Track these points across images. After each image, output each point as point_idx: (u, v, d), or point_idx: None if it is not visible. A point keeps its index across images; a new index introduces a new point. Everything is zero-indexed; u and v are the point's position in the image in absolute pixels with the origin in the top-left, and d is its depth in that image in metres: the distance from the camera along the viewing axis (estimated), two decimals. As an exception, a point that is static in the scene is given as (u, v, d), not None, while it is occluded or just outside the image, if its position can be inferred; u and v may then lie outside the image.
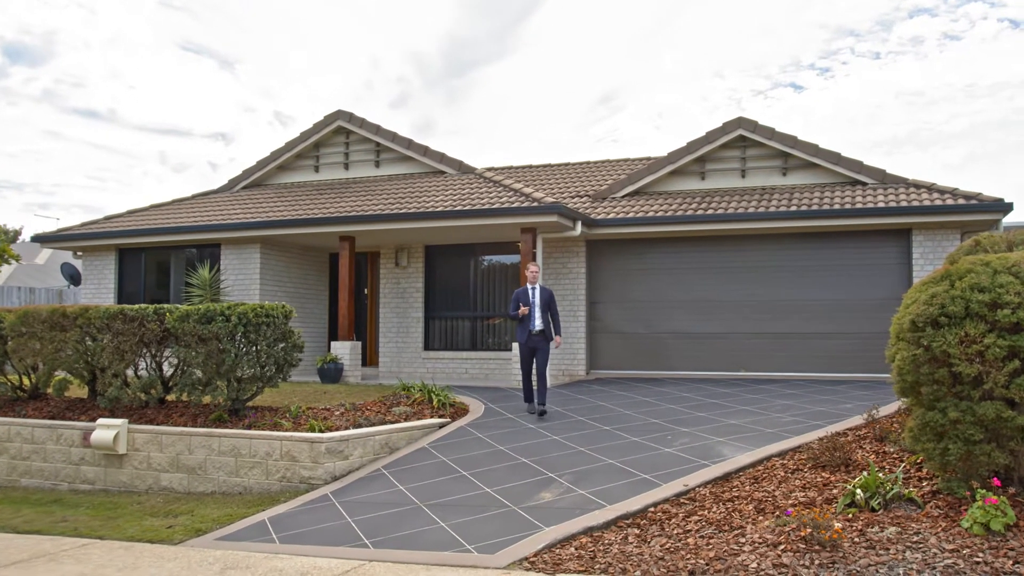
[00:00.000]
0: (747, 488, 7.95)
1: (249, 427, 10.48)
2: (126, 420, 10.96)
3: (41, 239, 18.36)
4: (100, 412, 11.79)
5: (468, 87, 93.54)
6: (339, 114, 18.13)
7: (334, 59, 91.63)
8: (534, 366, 11.84)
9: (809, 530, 6.26)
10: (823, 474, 8.11)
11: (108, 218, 18.64)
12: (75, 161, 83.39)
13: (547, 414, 11.48)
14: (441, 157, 17.47)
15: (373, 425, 10.62)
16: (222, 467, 10.25)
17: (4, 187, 73.51)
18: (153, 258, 18.13)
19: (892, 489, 7.06)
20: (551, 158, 20.61)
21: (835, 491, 7.55)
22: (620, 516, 7.46)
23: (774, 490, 7.79)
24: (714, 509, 7.43)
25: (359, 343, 15.99)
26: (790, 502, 7.37)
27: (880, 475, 7.27)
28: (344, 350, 15.63)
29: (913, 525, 6.36)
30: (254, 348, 10.86)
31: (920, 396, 6.89)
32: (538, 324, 11.65)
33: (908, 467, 7.74)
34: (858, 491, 7.14)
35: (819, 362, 14.77)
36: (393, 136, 17.72)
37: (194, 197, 19.44)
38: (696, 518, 7.24)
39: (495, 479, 8.84)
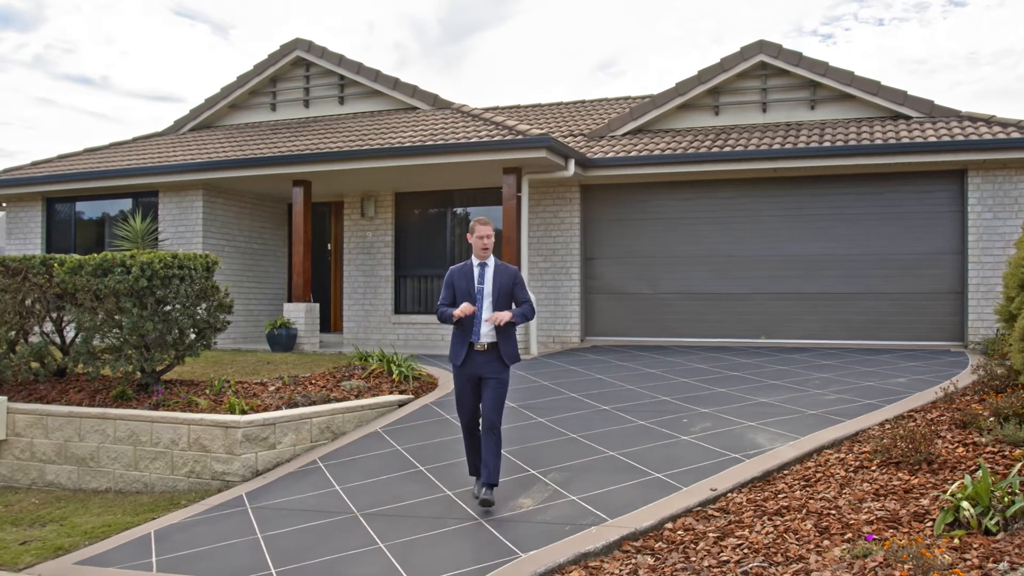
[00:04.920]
0: (798, 494, 5.80)
1: (155, 407, 8.31)
2: (4, 398, 8.76)
3: (-42, 187, 16.04)
4: (-14, 386, 9.61)
5: (465, 53, 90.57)
6: (297, 43, 15.75)
7: (330, 25, 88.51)
8: (481, 409, 6.21)
9: (909, 567, 4.16)
10: (899, 474, 5.98)
11: (35, 163, 16.29)
12: (67, 128, 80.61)
13: (493, 505, 5.98)
14: (413, 91, 15.14)
15: (313, 404, 8.45)
16: (118, 458, 8.08)
17: None
18: (86, 209, 15.84)
19: (1015, 502, 4.91)
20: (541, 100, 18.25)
21: (924, 501, 5.41)
22: (626, 536, 5.32)
23: (836, 498, 5.64)
24: (757, 527, 5.28)
25: (316, 305, 13.76)
26: (864, 517, 5.22)
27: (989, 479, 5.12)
28: (298, 313, 13.41)
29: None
30: (164, 308, 8.64)
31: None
32: (485, 332, 6.11)
33: (1030, 469, 5.58)
34: (964, 504, 4.98)
35: (854, 327, 12.58)
36: (359, 67, 15.36)
37: (135, 140, 17.06)
38: (734, 541, 5.09)
39: (459, 476, 6.69)
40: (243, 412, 7.91)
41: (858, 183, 12.66)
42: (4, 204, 16.40)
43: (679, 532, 5.34)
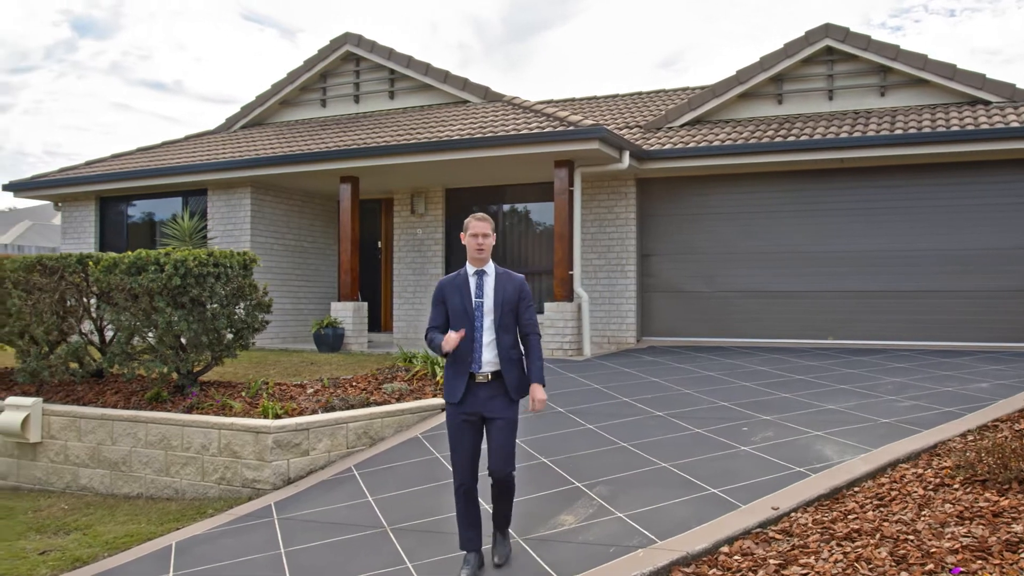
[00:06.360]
0: (870, 515, 5.20)
1: (190, 409, 8.01)
2: (39, 399, 8.57)
3: (14, 187, 16.10)
4: (26, 388, 9.46)
5: (529, 52, 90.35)
6: (347, 37, 15.46)
7: (394, 25, 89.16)
8: (482, 459, 4.98)
9: (1003, 610, 3.57)
10: (986, 494, 5.33)
11: (89, 163, 16.29)
12: (142, 132, 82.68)
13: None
14: (464, 83, 14.72)
15: (351, 407, 8.07)
16: (150, 462, 7.80)
17: (74, 160, 72.88)
18: (137, 207, 15.78)
19: (1126, 531, 4.27)
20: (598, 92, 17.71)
21: (1017, 527, 4.77)
22: (676, 561, 4.79)
23: (914, 520, 5.03)
24: (824, 553, 4.70)
25: (363, 304, 13.43)
26: (947, 545, 4.61)
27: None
28: (346, 313, 13.09)
29: None
30: (200, 307, 8.35)
31: None
32: (487, 359, 4.91)
33: None
34: (1065, 533, 4.36)
35: (928, 327, 11.78)
36: (408, 61, 15.01)
37: (187, 138, 16.98)
38: (798, 570, 4.53)
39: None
40: (276, 416, 7.56)
41: (932, 173, 11.84)
42: (60, 204, 16.44)
43: (736, 558, 4.80)
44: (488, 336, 4.92)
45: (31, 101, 77.33)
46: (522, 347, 5.05)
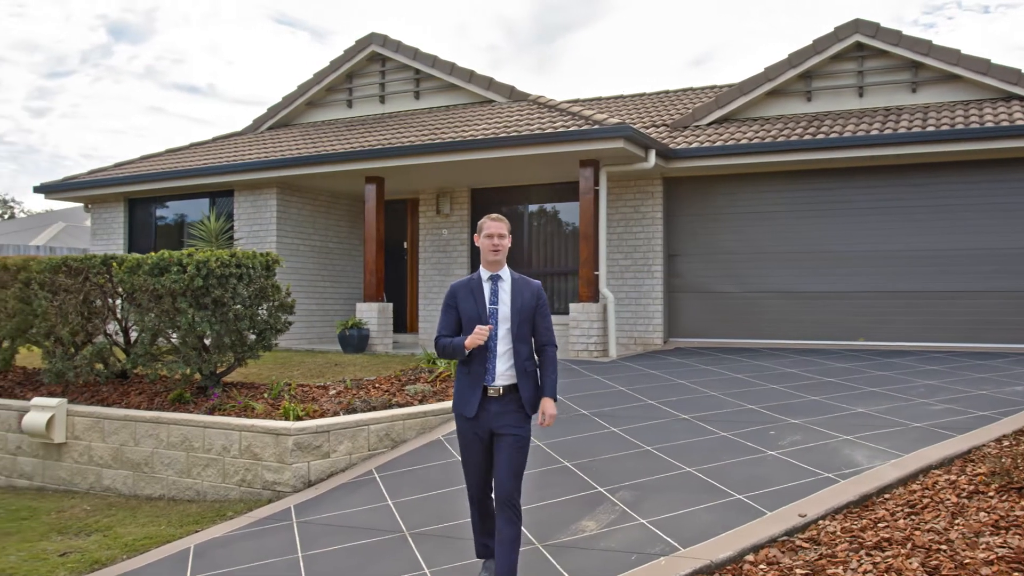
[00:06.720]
0: (901, 523, 5.04)
1: (211, 411, 8.00)
2: (64, 400, 8.60)
3: (45, 189, 16.25)
4: (53, 388, 9.51)
5: (558, 53, 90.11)
6: (372, 37, 15.44)
7: (424, 27, 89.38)
8: (494, 476, 4.66)
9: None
10: (1022, 502, 5.15)
11: (118, 164, 16.41)
12: (175, 135, 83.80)
13: None
14: (489, 83, 14.64)
15: (372, 409, 8.01)
16: (171, 464, 7.79)
17: (109, 163, 74.15)
18: (165, 208, 15.86)
19: None
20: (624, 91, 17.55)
21: (1055, 536, 4.60)
22: (699, 570, 4.68)
23: (947, 529, 4.87)
24: (853, 563, 4.56)
25: (388, 305, 13.38)
26: (982, 555, 4.45)
27: None
28: (371, 313, 13.06)
29: None
30: (222, 308, 8.32)
31: None
32: (502, 371, 4.59)
33: None
34: (1106, 543, 4.19)
35: (962, 329, 11.51)
36: (433, 60, 14.95)
37: (214, 140, 17.04)
38: (825, 580, 4.40)
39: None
40: (298, 418, 7.51)
41: (965, 171, 11.58)
42: (89, 206, 16.56)
43: (761, 567, 4.67)
44: (503, 346, 4.58)
45: (68, 105, 78.61)
46: (537, 359, 4.72)
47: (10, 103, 74.64)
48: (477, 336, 4.43)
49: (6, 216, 48.91)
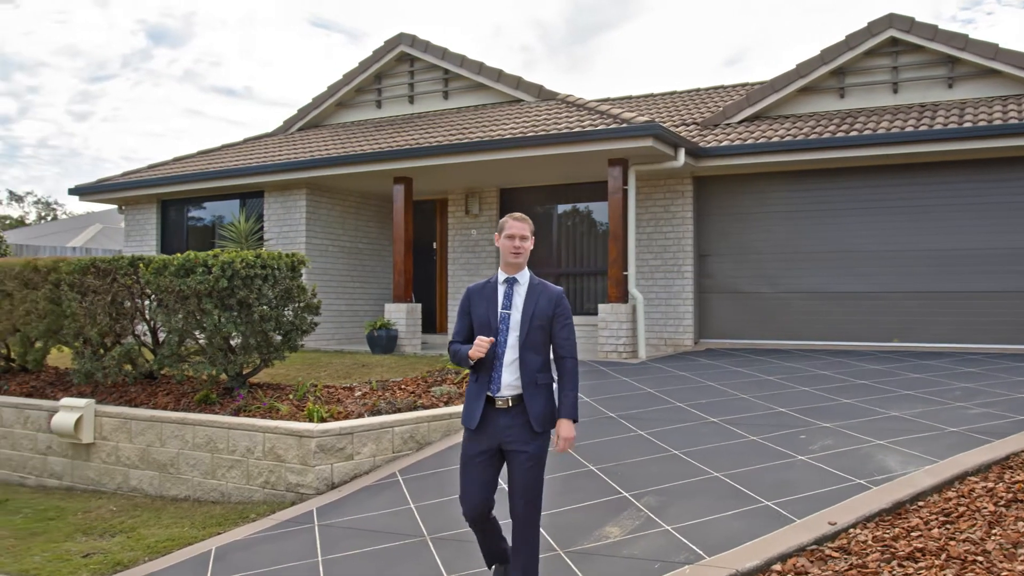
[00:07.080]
0: (935, 533, 4.88)
1: (236, 412, 8.00)
2: (92, 400, 8.65)
3: (79, 191, 16.43)
4: (82, 388, 9.58)
5: (591, 53, 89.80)
6: (401, 37, 15.43)
7: (458, 28, 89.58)
8: (509, 498, 4.38)
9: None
10: (1062, 510, 4.98)
11: (151, 166, 16.54)
12: (212, 137, 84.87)
13: None
14: (517, 82, 14.56)
15: (398, 411, 7.96)
16: (197, 465, 7.80)
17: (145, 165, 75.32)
18: (197, 209, 15.97)
19: None
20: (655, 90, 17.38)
21: (1096, 548, 4.43)
22: (724, 579, 4.55)
23: (983, 540, 4.71)
24: (884, 575, 4.42)
25: (417, 306, 13.35)
26: (1020, 568, 4.29)
27: None
28: (399, 314, 13.03)
29: None
30: (247, 310, 8.32)
31: None
32: (508, 381, 4.27)
33: None
34: None
35: (1001, 330, 11.23)
36: (462, 60, 14.90)
37: (245, 141, 17.14)
38: (854, 591, 4.26)
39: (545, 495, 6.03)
40: (321, 419, 7.49)
41: (1004, 168, 11.29)
42: (123, 208, 16.72)
43: (788, 576, 4.54)
44: (511, 355, 4.25)
45: (109, 109, 79.86)
46: (555, 372, 4.37)
47: (53, 107, 75.93)
48: (477, 348, 4.18)
49: (49, 218, 49.77)
